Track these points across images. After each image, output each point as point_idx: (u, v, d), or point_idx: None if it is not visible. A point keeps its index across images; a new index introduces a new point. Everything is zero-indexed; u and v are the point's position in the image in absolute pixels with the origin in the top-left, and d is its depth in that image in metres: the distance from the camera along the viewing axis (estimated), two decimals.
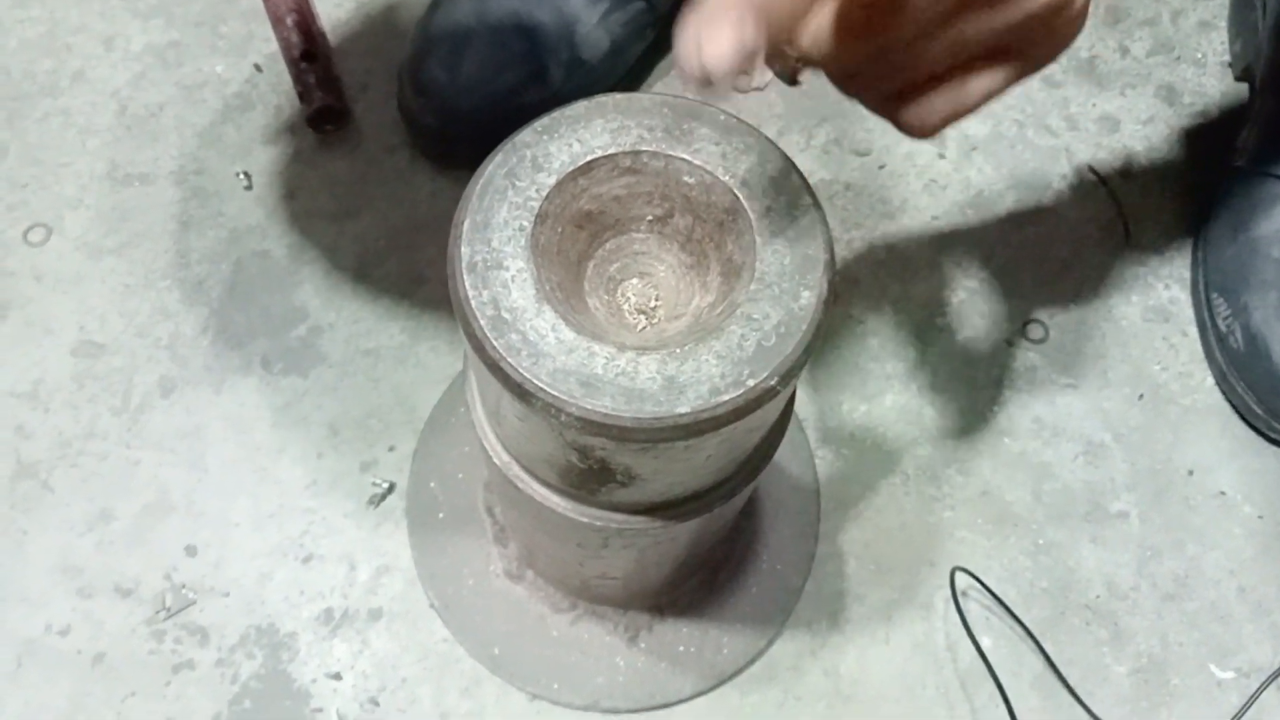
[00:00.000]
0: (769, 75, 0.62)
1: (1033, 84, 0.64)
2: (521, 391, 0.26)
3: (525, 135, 0.28)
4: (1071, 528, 0.52)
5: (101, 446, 0.51)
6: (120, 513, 0.50)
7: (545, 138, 0.28)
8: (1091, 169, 0.61)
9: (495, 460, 0.33)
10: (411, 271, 0.55)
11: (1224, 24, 0.66)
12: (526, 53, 0.53)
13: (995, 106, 0.63)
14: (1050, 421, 0.54)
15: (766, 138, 0.29)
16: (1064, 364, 0.56)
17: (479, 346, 0.26)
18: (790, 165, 0.29)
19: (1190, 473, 0.54)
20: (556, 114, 0.28)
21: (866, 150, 0.61)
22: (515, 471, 0.33)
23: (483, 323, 0.26)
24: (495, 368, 0.26)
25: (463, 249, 0.27)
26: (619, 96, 0.29)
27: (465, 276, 0.26)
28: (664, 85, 0.62)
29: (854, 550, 0.51)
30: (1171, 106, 0.64)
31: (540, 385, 0.25)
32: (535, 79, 0.54)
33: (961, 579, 0.50)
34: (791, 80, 0.55)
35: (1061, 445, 0.54)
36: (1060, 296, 0.58)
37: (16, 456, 0.51)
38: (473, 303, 0.26)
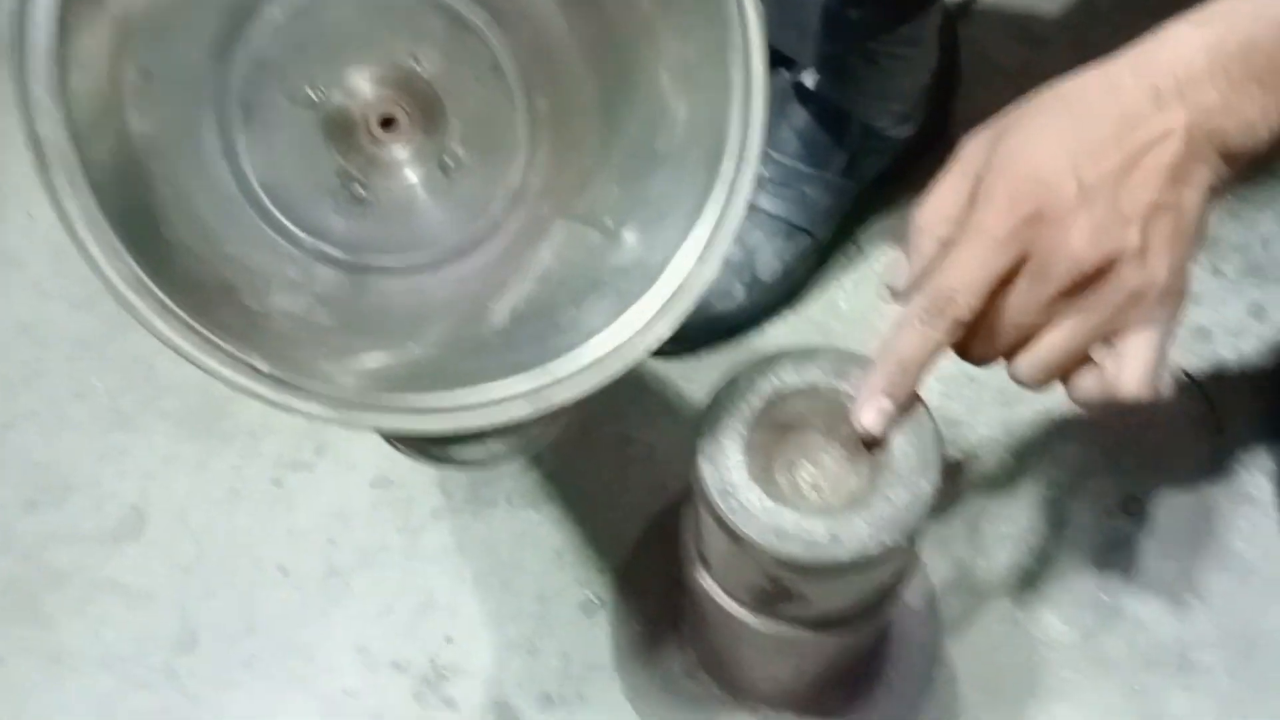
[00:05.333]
0: None
1: None
2: (737, 538, 0.41)
3: (742, 371, 0.44)
4: (1163, 676, 0.62)
5: (388, 556, 0.68)
6: (399, 607, 0.66)
7: (754, 374, 0.44)
8: (1186, 372, 0.73)
9: (703, 583, 0.48)
10: (624, 434, 0.72)
11: None
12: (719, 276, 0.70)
13: None
14: (1144, 582, 0.65)
15: None
16: (1157, 535, 0.66)
17: (710, 508, 0.41)
18: (916, 397, 0.43)
19: (1273, 636, 0.63)
20: (764, 360, 0.44)
21: None
22: (717, 592, 0.47)
23: (714, 493, 0.41)
24: (721, 523, 0.41)
25: (703, 444, 0.42)
26: (803, 349, 0.44)
27: (703, 463, 0.42)
28: (821, 295, 0.77)
29: (969, 680, 0.62)
30: (1260, 322, 0.74)
31: (750, 535, 0.40)
32: (724, 295, 0.70)
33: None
34: None
35: (1154, 603, 0.64)
36: (1156, 478, 0.68)
37: (327, 560, 0.68)
38: (708, 480, 0.41)
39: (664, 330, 0.40)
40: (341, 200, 0.48)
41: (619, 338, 0.39)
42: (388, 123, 0.46)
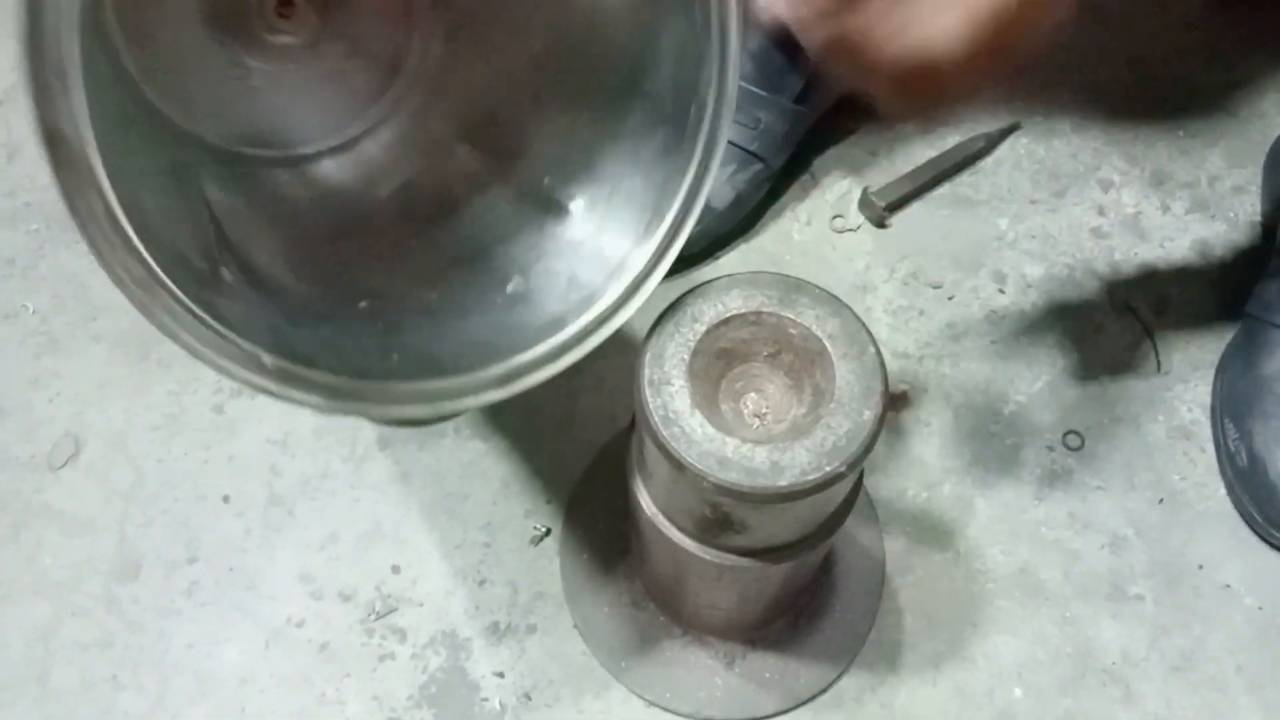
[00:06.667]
0: (861, 219, 0.76)
1: (1083, 235, 0.77)
2: (679, 465, 0.40)
3: (687, 297, 0.43)
4: (1095, 605, 0.63)
5: (333, 485, 0.68)
6: (344, 537, 0.66)
7: (700, 300, 0.43)
8: (1130, 307, 0.73)
9: (646, 511, 0.48)
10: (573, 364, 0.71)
11: (1256, 189, 0.78)
12: None
13: (1050, 253, 0.76)
14: (1081, 516, 0.66)
15: (847, 305, 0.43)
16: (1096, 469, 0.68)
17: (653, 434, 0.41)
18: (861, 325, 0.43)
19: (1200, 567, 0.64)
20: (707, 284, 0.43)
21: (939, 284, 0.74)
22: (661, 520, 0.47)
23: (656, 420, 0.41)
24: (663, 449, 0.41)
25: (645, 370, 0.42)
26: (750, 274, 0.44)
27: (646, 389, 0.41)
28: (775, 225, 0.77)
29: (911, 609, 0.63)
30: (1203, 258, 0.75)
31: (691, 461, 0.40)
32: None
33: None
34: (879, 224, 0.71)
35: (1090, 536, 0.65)
36: (1097, 412, 0.70)
37: (270, 489, 0.68)
38: (650, 406, 0.41)
39: (629, 314, 0.43)
40: (231, 84, 0.47)
41: (585, 322, 0.43)
42: (285, 6, 0.46)
